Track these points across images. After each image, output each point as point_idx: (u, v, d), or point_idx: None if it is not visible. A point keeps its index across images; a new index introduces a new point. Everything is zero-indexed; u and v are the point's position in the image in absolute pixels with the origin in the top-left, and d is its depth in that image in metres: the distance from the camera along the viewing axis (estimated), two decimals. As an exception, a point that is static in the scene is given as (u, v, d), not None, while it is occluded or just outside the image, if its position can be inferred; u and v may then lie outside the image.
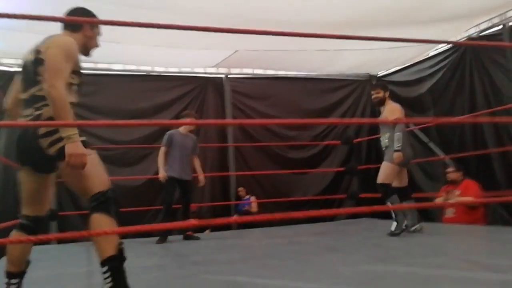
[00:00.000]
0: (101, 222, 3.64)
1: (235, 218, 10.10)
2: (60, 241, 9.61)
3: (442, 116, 10.47)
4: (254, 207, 11.41)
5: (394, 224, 7.63)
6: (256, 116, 12.20)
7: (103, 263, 3.58)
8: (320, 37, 4.19)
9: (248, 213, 11.37)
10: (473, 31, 10.29)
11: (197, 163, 9.28)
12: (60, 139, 3.64)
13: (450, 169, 9.33)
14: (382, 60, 12.12)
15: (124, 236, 8.39)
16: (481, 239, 7.01)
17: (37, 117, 3.78)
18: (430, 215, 10.92)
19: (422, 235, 7.70)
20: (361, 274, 4.76)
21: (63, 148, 3.62)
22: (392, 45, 10.43)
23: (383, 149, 8.09)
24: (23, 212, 4.09)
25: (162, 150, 8.99)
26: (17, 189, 10.03)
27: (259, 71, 13.01)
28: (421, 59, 11.92)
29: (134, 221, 9.35)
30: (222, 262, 5.06)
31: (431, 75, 11.39)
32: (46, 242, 9.32)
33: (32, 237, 3.49)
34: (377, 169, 8.13)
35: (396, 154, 7.61)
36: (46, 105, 3.72)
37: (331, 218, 11.76)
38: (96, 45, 4.36)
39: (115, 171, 10.82)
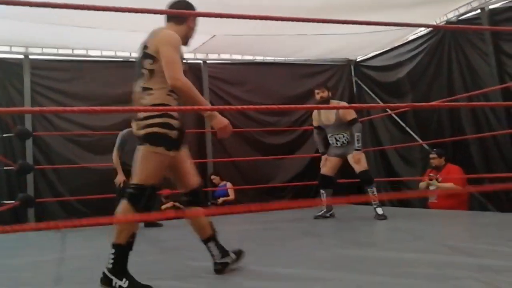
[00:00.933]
0: (123, 211, 3.91)
1: (212, 211, 10.14)
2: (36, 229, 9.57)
3: (420, 100, 10.49)
4: (230, 193, 11.34)
5: (380, 209, 8.08)
6: (234, 102, 12.12)
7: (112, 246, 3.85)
8: (297, 21, 4.15)
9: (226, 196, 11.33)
10: (452, 15, 10.28)
11: None
12: (151, 125, 3.93)
13: (432, 155, 9.31)
14: (361, 45, 12.09)
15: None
16: (459, 224, 7.02)
17: (143, 106, 4.06)
18: (411, 200, 10.97)
19: (401, 221, 7.72)
20: (337, 258, 4.76)
21: (148, 134, 3.94)
22: (371, 30, 10.38)
23: (340, 145, 8.62)
24: (181, 190, 4.42)
25: (115, 152, 8.70)
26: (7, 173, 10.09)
27: (237, 57, 12.95)
28: (400, 43, 11.92)
29: (106, 208, 9.29)
30: (199, 248, 5.03)
31: (409, 59, 11.40)
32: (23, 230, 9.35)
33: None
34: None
35: (358, 153, 8.29)
36: (150, 94, 4.01)
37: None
38: (192, 36, 4.51)
39: (91, 157, 10.76)
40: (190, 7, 4.39)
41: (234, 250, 4.52)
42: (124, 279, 3.74)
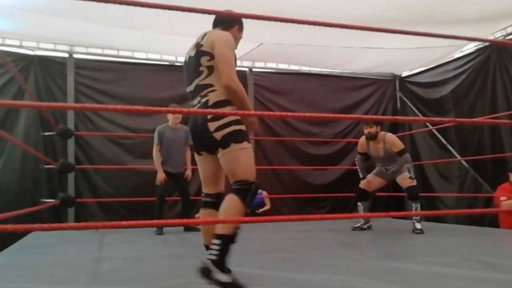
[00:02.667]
0: (233, 203, 3.89)
1: (250, 219, 10.18)
2: (75, 228, 9.65)
3: (463, 118, 10.42)
4: (267, 202, 11.39)
5: (419, 224, 8.20)
6: (278, 111, 12.06)
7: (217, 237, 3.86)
8: (349, 28, 4.14)
9: (261, 205, 11.43)
10: (499, 34, 10.21)
11: (188, 155, 9.13)
12: (227, 124, 3.94)
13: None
14: (407, 60, 12.06)
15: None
16: (494, 241, 6.99)
17: (205, 103, 4.07)
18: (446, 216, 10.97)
19: (437, 235, 7.75)
20: (372, 269, 4.81)
21: (228, 135, 3.95)
22: (417, 45, 10.37)
23: (390, 173, 8.76)
24: (205, 191, 4.41)
25: (155, 148, 8.85)
26: (35, 173, 10.15)
27: (283, 66, 12.96)
28: (445, 61, 11.85)
29: (146, 211, 9.33)
30: (237, 253, 5.05)
31: (454, 77, 11.35)
32: (62, 229, 9.42)
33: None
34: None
35: (411, 181, 8.33)
36: (212, 91, 4.05)
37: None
38: (236, 47, 4.42)
39: (131, 160, 10.83)
40: (237, 19, 4.46)
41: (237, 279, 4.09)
42: (224, 273, 3.73)
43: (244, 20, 4.39)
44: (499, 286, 3.74)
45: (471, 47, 11.00)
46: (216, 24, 4.40)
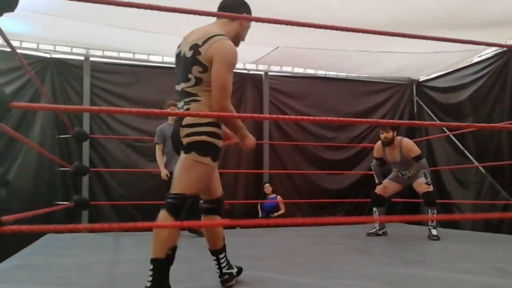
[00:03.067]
0: (163, 222, 3.80)
1: (266, 221, 10.14)
2: (90, 230, 9.68)
3: (481, 123, 10.35)
4: (281, 207, 11.37)
5: (435, 230, 8.14)
6: (293, 115, 12.07)
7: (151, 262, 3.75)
8: (366, 33, 4.10)
9: (276, 209, 11.40)
10: (518, 38, 10.12)
11: None
12: (199, 133, 3.82)
13: None
14: (424, 65, 12.00)
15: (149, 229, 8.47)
16: (510, 248, 6.93)
17: (186, 111, 3.96)
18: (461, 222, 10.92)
19: (453, 242, 7.67)
20: (387, 275, 4.77)
21: (195, 143, 3.82)
22: (435, 50, 10.30)
23: (406, 178, 8.65)
24: (202, 198, 4.28)
25: (158, 147, 8.71)
26: (50, 175, 10.17)
27: (299, 70, 12.93)
28: (463, 65, 11.77)
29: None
30: (251, 258, 5.05)
31: (472, 82, 11.24)
32: (77, 230, 9.43)
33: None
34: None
35: (428, 186, 8.25)
36: (195, 101, 3.92)
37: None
38: (244, 39, 4.38)
39: (146, 163, 10.81)
40: (244, 3, 4.30)
41: (236, 266, 4.52)
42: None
43: (260, 24, 4.29)
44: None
45: (490, 51, 10.91)
46: (222, 9, 4.20)
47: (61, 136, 10.31)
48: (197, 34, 4.02)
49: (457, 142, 11.63)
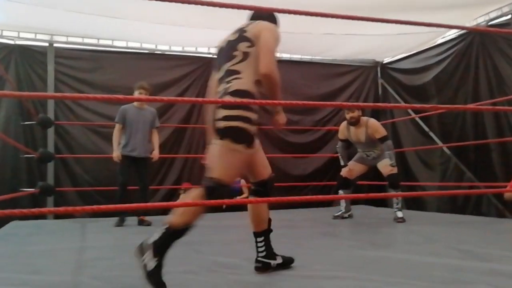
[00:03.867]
0: (195, 197, 3.79)
1: (238, 200, 10.08)
2: (57, 216, 9.62)
3: (446, 105, 10.41)
4: (245, 191, 11.35)
5: (400, 212, 8.31)
6: (259, 99, 12.00)
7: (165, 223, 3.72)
8: (330, 17, 4.10)
9: (239, 193, 11.47)
10: (481, 20, 10.17)
11: (155, 138, 8.82)
12: (234, 118, 3.78)
13: None
14: (388, 47, 12.03)
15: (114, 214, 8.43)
16: (474, 230, 7.00)
17: (226, 90, 3.94)
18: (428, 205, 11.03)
19: (418, 224, 7.77)
20: (354, 258, 4.78)
21: (229, 128, 3.78)
22: (399, 32, 10.34)
23: (371, 159, 8.79)
24: (251, 180, 4.40)
25: (117, 126, 8.60)
26: (15, 162, 10.07)
27: (263, 54, 12.78)
28: (427, 47, 11.82)
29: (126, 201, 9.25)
30: (218, 242, 5.04)
31: (437, 63, 11.28)
32: (43, 216, 9.38)
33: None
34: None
35: (392, 168, 8.33)
36: (237, 78, 3.91)
37: (328, 204, 11.80)
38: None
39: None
40: (274, 18, 4.49)
41: (284, 256, 4.48)
42: (154, 260, 3.61)
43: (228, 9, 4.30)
44: (481, 275, 3.73)
45: (453, 33, 10.93)
46: (256, 18, 4.37)
47: (26, 123, 10.17)
48: (238, 27, 4.23)
49: (422, 124, 11.70)
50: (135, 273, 3.95)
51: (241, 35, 4.02)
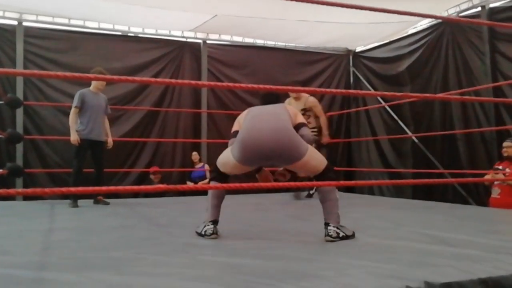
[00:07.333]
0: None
1: (208, 185, 10.13)
2: (26, 198, 9.55)
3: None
4: (208, 176, 11.32)
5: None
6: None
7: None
8: (303, 2, 4.12)
9: (203, 178, 11.55)
10: (452, 11, 10.30)
11: (107, 124, 8.91)
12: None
13: (506, 143, 8.39)
14: (361, 36, 12.11)
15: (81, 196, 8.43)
16: (440, 215, 7.08)
17: None
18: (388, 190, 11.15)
19: (384, 209, 7.91)
20: (320, 242, 4.81)
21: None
22: (371, 21, 10.39)
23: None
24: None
25: (74, 110, 8.46)
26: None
27: (238, 39, 12.92)
28: (399, 36, 11.93)
29: (97, 183, 9.21)
30: (188, 225, 5.07)
31: (409, 53, 11.44)
32: (12, 198, 9.32)
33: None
34: (347, 143, 8.62)
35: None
36: None
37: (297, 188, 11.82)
38: None
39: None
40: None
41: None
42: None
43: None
44: (448, 259, 3.79)
45: (424, 23, 11.11)
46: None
47: (-6, 103, 10.07)
48: None
49: (391, 112, 11.79)
50: (103, 254, 3.97)
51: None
